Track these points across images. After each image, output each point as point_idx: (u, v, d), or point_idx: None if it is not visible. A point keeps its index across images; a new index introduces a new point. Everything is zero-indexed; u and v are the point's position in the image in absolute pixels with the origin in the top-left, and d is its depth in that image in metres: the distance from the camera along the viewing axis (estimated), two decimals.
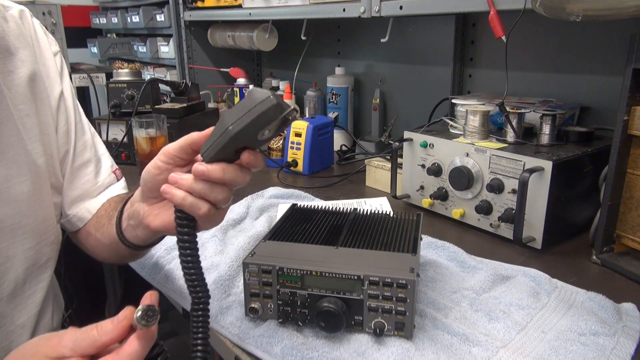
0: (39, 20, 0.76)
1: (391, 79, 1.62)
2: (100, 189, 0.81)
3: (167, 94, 1.77)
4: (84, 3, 2.89)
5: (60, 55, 0.77)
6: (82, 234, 0.80)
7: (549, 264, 0.85)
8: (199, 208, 0.53)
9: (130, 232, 0.67)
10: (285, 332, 0.65)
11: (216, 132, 0.50)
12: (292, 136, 1.38)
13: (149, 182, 0.58)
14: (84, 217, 0.78)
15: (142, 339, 0.44)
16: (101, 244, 0.75)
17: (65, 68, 0.78)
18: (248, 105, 0.48)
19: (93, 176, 0.79)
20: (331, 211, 0.86)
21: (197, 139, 0.53)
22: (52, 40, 0.76)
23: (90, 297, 1.84)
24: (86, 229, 0.79)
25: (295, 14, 1.40)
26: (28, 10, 0.73)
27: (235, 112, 0.49)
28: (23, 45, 0.69)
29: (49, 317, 0.77)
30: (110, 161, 0.84)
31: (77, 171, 0.78)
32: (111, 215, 0.72)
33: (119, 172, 0.85)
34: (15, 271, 0.68)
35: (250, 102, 0.48)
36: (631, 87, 0.76)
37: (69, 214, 0.78)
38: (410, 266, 0.63)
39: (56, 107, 0.74)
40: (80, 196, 0.78)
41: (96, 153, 0.81)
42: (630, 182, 0.82)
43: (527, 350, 0.62)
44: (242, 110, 0.48)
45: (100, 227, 0.75)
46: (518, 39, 1.19)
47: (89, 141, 0.80)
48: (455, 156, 1.00)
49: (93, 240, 0.77)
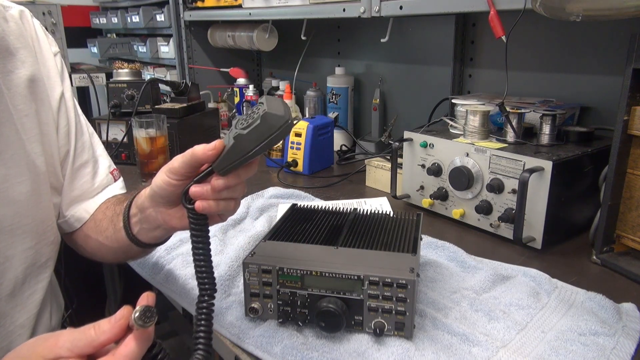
0: (38, 21, 0.76)
1: (391, 79, 1.62)
2: (98, 190, 0.81)
3: (167, 94, 1.77)
4: (84, 3, 2.89)
5: (60, 56, 0.78)
6: (80, 236, 0.80)
7: (549, 264, 0.85)
8: (229, 207, 0.59)
9: (146, 234, 0.69)
10: (285, 332, 0.65)
11: (233, 153, 0.54)
12: (292, 136, 1.38)
13: (164, 197, 0.61)
14: (81, 218, 0.78)
15: (139, 339, 0.44)
16: (105, 247, 0.76)
17: (65, 69, 0.78)
18: (266, 132, 0.52)
19: (90, 177, 0.79)
20: (331, 211, 0.86)
21: (200, 156, 0.56)
22: (52, 40, 0.76)
23: (90, 297, 1.84)
24: (84, 231, 0.79)
25: (295, 14, 1.40)
26: (28, 11, 0.73)
27: (254, 137, 0.53)
28: (23, 45, 0.69)
29: (48, 316, 0.77)
30: (107, 161, 0.83)
31: (77, 172, 0.78)
32: (114, 221, 0.73)
33: (117, 173, 0.85)
34: (14, 271, 0.68)
35: (268, 129, 0.52)
36: (631, 87, 0.76)
37: (67, 214, 0.78)
38: (410, 266, 0.63)
39: (57, 108, 0.74)
40: (78, 197, 0.78)
41: (94, 154, 0.81)
42: (630, 182, 0.82)
43: (527, 350, 0.62)
44: (261, 137, 0.53)
45: (103, 231, 0.75)
46: (518, 39, 1.19)
47: (87, 142, 0.80)
48: (455, 156, 1.00)
49: (94, 243, 0.78)
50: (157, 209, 0.64)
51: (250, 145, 0.54)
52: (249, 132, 0.53)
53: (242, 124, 0.53)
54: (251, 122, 0.53)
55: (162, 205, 0.63)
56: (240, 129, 0.53)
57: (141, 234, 0.69)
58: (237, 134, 0.53)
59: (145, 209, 0.66)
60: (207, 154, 0.56)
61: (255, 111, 0.54)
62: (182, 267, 0.84)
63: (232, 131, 0.55)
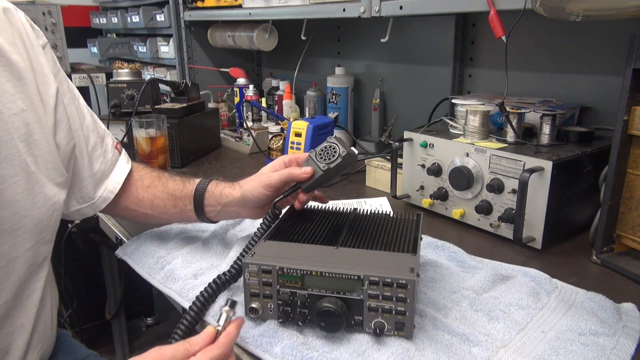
0: (23, 12, 0.72)
1: (391, 79, 1.62)
2: (111, 167, 0.86)
3: (167, 94, 1.77)
4: (84, 3, 2.89)
5: (49, 47, 0.75)
6: (117, 210, 0.90)
7: (549, 264, 0.85)
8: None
9: (217, 217, 0.88)
10: (285, 332, 0.65)
11: (320, 179, 0.77)
12: (292, 136, 1.38)
13: (256, 203, 0.81)
14: (107, 198, 0.85)
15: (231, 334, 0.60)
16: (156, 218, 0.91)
17: (56, 60, 0.76)
18: (344, 165, 0.77)
19: (103, 157, 0.85)
20: (331, 211, 0.86)
21: (297, 177, 0.77)
22: (39, 32, 0.74)
23: (90, 297, 1.84)
24: (121, 204, 0.88)
25: (295, 14, 1.40)
26: (14, 6, 0.70)
27: (336, 170, 0.77)
28: (9, 41, 0.67)
29: (47, 312, 0.77)
30: (111, 138, 0.88)
31: (91, 156, 0.82)
32: (175, 205, 0.87)
33: (120, 146, 0.91)
34: (18, 272, 0.67)
35: (345, 164, 0.77)
36: (631, 87, 0.76)
37: (95, 196, 0.84)
38: (410, 266, 0.63)
39: (54, 105, 0.72)
40: (100, 178, 0.84)
41: (99, 134, 0.85)
42: (630, 182, 0.82)
43: (527, 350, 0.62)
44: (340, 169, 0.78)
45: (155, 207, 0.89)
46: (518, 39, 1.19)
47: (90, 125, 0.82)
48: (455, 156, 1.00)
49: (140, 215, 0.91)
50: (243, 209, 0.83)
51: (331, 175, 0.78)
52: (335, 167, 0.76)
53: (325, 159, 0.76)
54: (334, 159, 0.76)
55: (249, 206, 0.82)
56: (327, 163, 0.76)
57: (216, 217, 0.88)
58: (327, 168, 0.76)
59: (229, 206, 0.84)
60: (301, 176, 0.76)
61: (330, 149, 0.77)
62: (182, 267, 0.84)
63: (315, 163, 0.77)
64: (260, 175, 0.81)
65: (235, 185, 0.84)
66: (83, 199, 0.83)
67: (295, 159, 0.81)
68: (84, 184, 0.82)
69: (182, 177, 0.90)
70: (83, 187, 0.82)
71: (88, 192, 0.83)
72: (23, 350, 0.70)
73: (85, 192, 0.83)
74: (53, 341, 0.82)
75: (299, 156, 0.81)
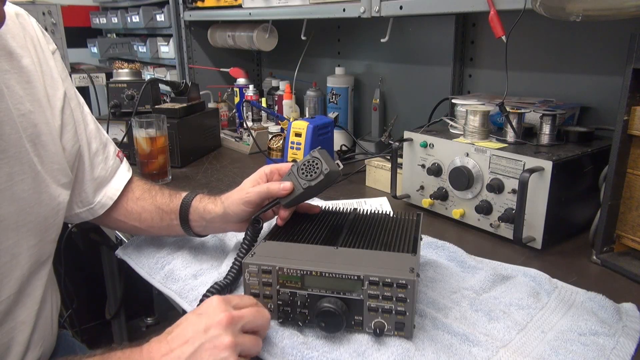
0: (36, 20, 0.76)
1: (391, 79, 1.62)
2: (112, 174, 0.87)
3: (167, 94, 1.77)
4: (84, 3, 2.89)
5: (58, 54, 0.79)
6: (108, 220, 0.89)
7: (549, 264, 0.85)
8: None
9: (204, 231, 0.87)
10: (285, 332, 0.65)
11: (302, 196, 0.75)
12: (292, 136, 1.37)
13: (238, 219, 0.80)
14: (105, 204, 0.86)
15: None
16: (144, 231, 0.91)
17: (64, 66, 0.79)
18: (327, 184, 0.75)
19: (104, 163, 0.86)
20: (331, 211, 0.86)
21: (276, 193, 0.75)
22: (49, 38, 0.77)
23: (90, 297, 1.85)
24: (113, 216, 0.88)
25: (295, 14, 1.40)
26: (24, 11, 0.73)
27: (318, 188, 0.74)
28: (21, 44, 0.70)
29: (48, 311, 0.77)
30: (113, 146, 0.90)
31: (92, 161, 0.83)
32: (162, 218, 0.86)
33: (121, 154, 0.92)
34: (21, 269, 0.68)
35: (328, 182, 0.74)
36: (631, 87, 0.76)
37: (94, 201, 0.85)
38: (410, 266, 0.63)
39: (61, 107, 0.74)
40: (100, 184, 0.85)
41: (102, 140, 0.86)
42: (630, 182, 0.82)
43: (527, 350, 0.62)
44: (323, 187, 0.75)
45: (143, 220, 0.88)
46: (518, 39, 1.19)
47: (94, 131, 0.84)
48: (455, 156, 1.00)
49: (127, 227, 0.90)
50: (227, 224, 0.82)
51: (314, 192, 0.76)
52: (316, 185, 0.73)
53: (307, 176, 0.74)
54: (316, 176, 0.73)
55: (233, 222, 0.81)
56: (308, 180, 0.73)
57: (203, 232, 0.87)
58: (308, 186, 0.73)
59: (213, 222, 0.82)
60: (280, 192, 0.75)
61: (313, 164, 0.74)
62: (182, 268, 0.84)
63: (296, 178, 0.75)
64: (240, 190, 0.80)
65: (217, 200, 0.82)
66: (82, 203, 0.84)
67: (277, 170, 0.80)
68: (84, 187, 0.83)
69: (170, 191, 0.89)
70: (83, 191, 0.83)
71: (87, 196, 0.84)
72: (24, 347, 0.71)
73: (85, 197, 0.83)
74: (54, 340, 0.82)
75: (280, 167, 0.80)
